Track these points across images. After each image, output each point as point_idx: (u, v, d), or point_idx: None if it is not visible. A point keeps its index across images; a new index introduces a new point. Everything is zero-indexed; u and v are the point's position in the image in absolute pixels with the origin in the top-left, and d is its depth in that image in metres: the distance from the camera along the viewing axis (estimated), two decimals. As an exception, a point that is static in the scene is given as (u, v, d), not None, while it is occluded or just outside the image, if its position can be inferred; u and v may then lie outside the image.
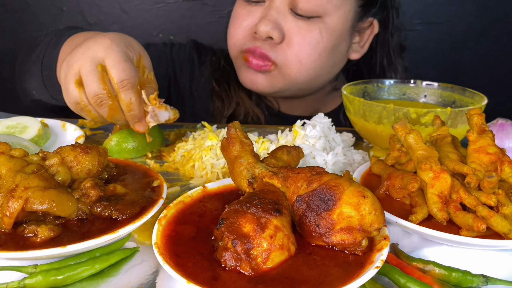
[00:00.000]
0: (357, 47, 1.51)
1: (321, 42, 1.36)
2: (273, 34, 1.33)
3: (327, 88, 1.61)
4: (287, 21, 1.34)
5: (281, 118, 1.62)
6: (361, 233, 0.66)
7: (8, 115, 1.31)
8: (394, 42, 1.58)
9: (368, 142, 1.28)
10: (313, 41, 1.35)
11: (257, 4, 1.39)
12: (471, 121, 0.86)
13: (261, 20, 1.34)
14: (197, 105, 1.67)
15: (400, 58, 1.62)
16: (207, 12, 2.26)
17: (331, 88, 1.62)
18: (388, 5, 1.52)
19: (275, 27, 1.32)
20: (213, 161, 1.05)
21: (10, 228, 0.69)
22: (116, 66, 0.98)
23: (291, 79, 1.40)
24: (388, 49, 1.58)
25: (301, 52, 1.35)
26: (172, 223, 0.74)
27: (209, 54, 1.68)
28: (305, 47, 1.35)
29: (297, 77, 1.40)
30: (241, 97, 1.57)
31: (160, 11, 2.29)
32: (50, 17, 2.27)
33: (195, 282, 0.59)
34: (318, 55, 1.37)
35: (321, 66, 1.41)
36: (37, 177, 0.70)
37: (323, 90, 1.60)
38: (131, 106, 1.01)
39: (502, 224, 0.71)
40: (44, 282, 0.65)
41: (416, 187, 0.77)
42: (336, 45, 1.41)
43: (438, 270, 0.69)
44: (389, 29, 1.55)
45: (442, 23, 2.37)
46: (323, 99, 1.64)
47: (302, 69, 1.38)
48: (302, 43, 1.34)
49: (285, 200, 0.71)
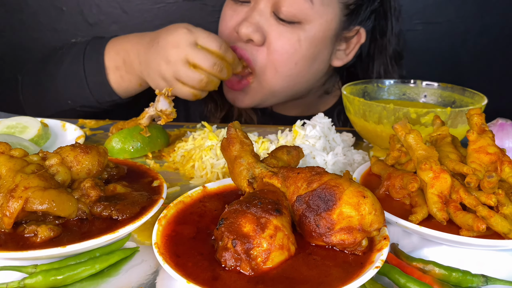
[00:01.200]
0: (342, 54, 1.49)
1: (299, 51, 1.35)
2: (253, 37, 1.32)
3: (318, 92, 1.61)
4: (269, 25, 1.33)
5: (273, 118, 1.63)
6: (361, 233, 0.66)
7: (8, 115, 1.31)
8: (392, 50, 1.56)
9: (368, 142, 1.28)
10: (290, 49, 1.34)
11: (243, 4, 1.38)
12: (471, 121, 0.86)
13: (243, 21, 1.34)
14: (191, 107, 1.67)
15: (398, 66, 1.60)
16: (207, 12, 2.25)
17: (323, 92, 1.62)
18: (387, 12, 1.50)
19: (256, 30, 1.32)
20: (213, 161, 1.04)
21: (10, 228, 0.69)
22: (209, 39, 1.24)
23: (268, 87, 1.40)
24: (386, 56, 1.56)
25: (278, 59, 1.35)
26: (172, 223, 0.74)
27: None
28: (282, 55, 1.34)
29: (273, 84, 1.39)
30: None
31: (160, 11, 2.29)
32: (50, 17, 2.26)
33: (195, 282, 0.59)
34: (294, 63, 1.36)
35: (298, 74, 1.40)
36: (37, 177, 0.70)
37: (314, 94, 1.60)
38: (235, 59, 1.30)
39: (502, 224, 0.71)
40: (44, 282, 0.65)
41: (416, 187, 0.77)
42: (316, 54, 1.39)
43: (438, 270, 0.69)
44: (387, 36, 1.54)
45: (442, 23, 2.36)
46: (315, 101, 1.64)
47: (277, 76, 1.37)
48: (280, 51, 1.34)
49: (285, 200, 0.71)
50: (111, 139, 1.11)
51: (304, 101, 1.60)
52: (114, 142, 1.11)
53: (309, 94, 1.58)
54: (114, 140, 1.11)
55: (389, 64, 1.57)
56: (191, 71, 1.23)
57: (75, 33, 2.27)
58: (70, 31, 2.27)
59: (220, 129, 1.15)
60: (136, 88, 1.42)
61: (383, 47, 1.55)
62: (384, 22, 1.52)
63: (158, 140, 1.17)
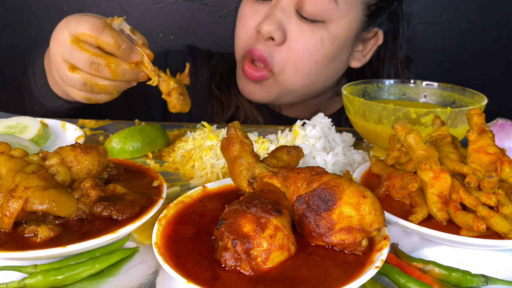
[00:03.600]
0: (360, 55, 1.49)
1: (321, 50, 1.34)
2: (275, 34, 1.31)
3: (329, 94, 1.61)
4: (291, 23, 1.32)
5: (280, 119, 1.62)
6: (361, 233, 0.66)
7: (8, 115, 1.31)
8: (403, 54, 1.56)
9: (368, 142, 1.28)
10: (312, 48, 1.33)
11: (264, 2, 1.37)
12: (471, 121, 0.86)
13: (265, 19, 1.32)
14: (194, 109, 1.67)
15: (407, 70, 1.61)
16: (207, 12, 2.25)
17: (333, 93, 1.62)
18: (399, 16, 1.50)
19: (278, 28, 1.31)
20: (213, 161, 1.05)
21: (10, 228, 0.69)
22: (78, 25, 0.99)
23: (286, 85, 1.39)
24: (396, 60, 1.56)
25: (298, 58, 1.34)
26: (172, 223, 0.74)
27: (206, 58, 1.67)
28: (303, 54, 1.33)
29: (292, 82, 1.39)
30: (241, 101, 1.56)
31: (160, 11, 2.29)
32: (50, 17, 2.26)
33: (195, 282, 0.59)
34: (315, 62, 1.36)
35: (317, 73, 1.39)
36: (37, 177, 0.70)
37: (324, 95, 1.60)
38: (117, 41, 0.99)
39: (502, 224, 0.71)
40: (44, 282, 0.65)
41: (416, 187, 0.77)
42: (337, 53, 1.39)
43: (438, 270, 0.69)
44: (399, 40, 1.54)
45: (442, 23, 2.37)
46: (324, 102, 1.64)
47: (297, 74, 1.37)
48: (301, 49, 1.33)
49: (285, 200, 0.71)
50: (111, 139, 1.11)
51: (314, 101, 1.60)
52: (114, 142, 1.11)
53: (321, 94, 1.58)
54: (114, 140, 1.11)
55: (399, 68, 1.57)
56: (71, 75, 1.04)
57: (75, 33, 2.26)
58: (70, 31, 2.27)
59: (220, 129, 1.15)
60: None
61: (394, 51, 1.55)
62: (396, 26, 1.51)
63: (158, 140, 1.17)
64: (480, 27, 2.36)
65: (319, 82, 1.44)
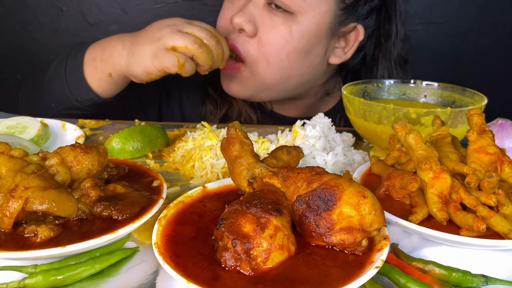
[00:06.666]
0: (340, 52, 1.47)
1: (290, 42, 1.34)
2: (245, 27, 1.33)
3: (319, 93, 1.60)
4: (262, 17, 1.34)
5: (273, 118, 1.62)
6: (361, 233, 0.66)
7: (8, 115, 1.31)
8: (396, 54, 1.55)
9: (368, 142, 1.28)
10: (281, 40, 1.34)
11: None
12: (471, 121, 0.86)
13: (237, 11, 1.35)
14: (187, 109, 1.67)
15: (403, 71, 1.59)
16: (207, 12, 2.25)
17: (323, 93, 1.61)
18: (391, 16, 1.49)
19: (248, 20, 1.33)
20: (213, 161, 1.04)
21: (10, 228, 0.69)
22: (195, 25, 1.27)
23: (260, 79, 1.40)
24: (390, 60, 1.55)
25: (269, 50, 1.35)
26: (172, 223, 0.74)
27: None
28: (273, 46, 1.34)
29: (266, 76, 1.39)
30: (235, 98, 1.57)
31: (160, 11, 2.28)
32: (50, 17, 2.26)
33: (195, 282, 0.59)
34: (285, 55, 1.36)
35: (290, 67, 1.39)
36: (37, 177, 0.70)
37: (314, 95, 1.59)
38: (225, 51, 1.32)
39: (502, 224, 0.71)
40: (44, 282, 0.65)
41: (416, 187, 0.77)
42: (309, 47, 1.38)
43: (438, 270, 0.69)
44: (392, 40, 1.52)
45: (442, 23, 2.36)
46: (316, 102, 1.63)
47: (269, 67, 1.37)
48: (271, 42, 1.34)
49: (285, 200, 0.71)
50: (111, 139, 1.11)
51: (304, 102, 1.60)
52: (114, 142, 1.11)
53: (309, 94, 1.57)
54: (114, 140, 1.11)
55: (393, 69, 1.56)
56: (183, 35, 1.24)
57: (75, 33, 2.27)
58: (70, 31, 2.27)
59: (220, 129, 1.15)
60: (107, 80, 1.37)
61: (387, 51, 1.54)
62: (388, 25, 1.50)
63: (158, 140, 1.17)
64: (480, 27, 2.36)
65: (295, 77, 1.43)
